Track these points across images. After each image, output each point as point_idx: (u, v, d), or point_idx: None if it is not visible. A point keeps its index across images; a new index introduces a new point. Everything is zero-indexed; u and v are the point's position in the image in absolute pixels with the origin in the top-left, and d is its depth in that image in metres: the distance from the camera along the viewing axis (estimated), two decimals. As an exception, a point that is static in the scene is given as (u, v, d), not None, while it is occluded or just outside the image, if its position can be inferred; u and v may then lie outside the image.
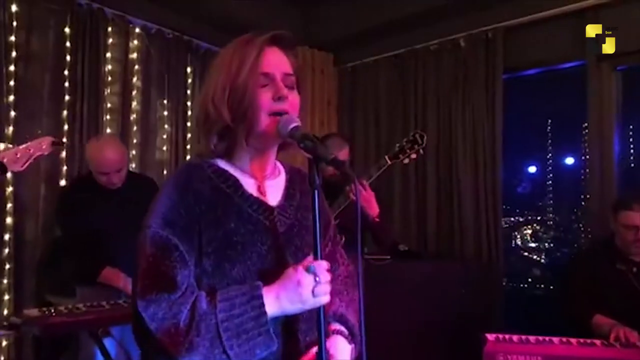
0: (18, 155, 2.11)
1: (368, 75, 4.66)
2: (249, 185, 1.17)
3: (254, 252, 1.10)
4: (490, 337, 2.36)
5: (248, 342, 1.00)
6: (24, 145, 2.14)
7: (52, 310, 2.16)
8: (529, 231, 6.87)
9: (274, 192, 1.20)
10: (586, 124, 4.33)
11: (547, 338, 2.37)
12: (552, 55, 3.74)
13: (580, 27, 3.45)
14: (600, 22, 3.39)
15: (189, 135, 4.14)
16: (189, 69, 4.18)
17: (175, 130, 4.05)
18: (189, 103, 4.15)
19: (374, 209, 2.60)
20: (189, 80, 4.18)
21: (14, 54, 3.14)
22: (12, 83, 3.12)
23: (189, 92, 4.16)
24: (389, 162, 2.68)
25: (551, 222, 6.83)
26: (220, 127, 1.13)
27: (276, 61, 1.14)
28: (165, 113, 4.02)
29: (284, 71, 1.15)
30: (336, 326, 1.21)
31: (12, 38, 3.13)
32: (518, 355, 2.25)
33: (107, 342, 2.35)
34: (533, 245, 6.63)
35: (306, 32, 4.68)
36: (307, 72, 4.68)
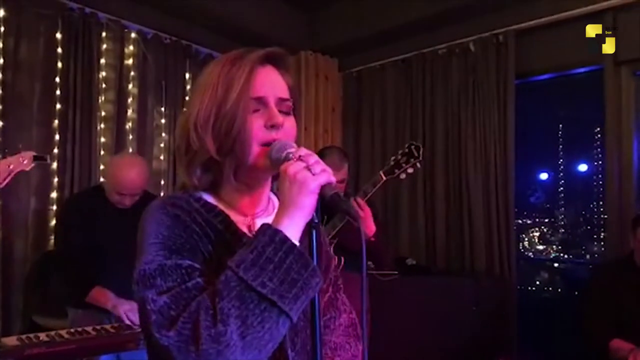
0: None
1: (374, 80, 4.52)
2: (240, 222, 1.00)
3: None
4: (505, 364, 2.19)
5: (280, 269, 0.82)
6: (3, 161, 2.00)
7: (32, 338, 2.00)
8: (537, 234, 6.73)
9: None
10: (598, 129, 4.18)
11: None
12: (567, 59, 3.57)
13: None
14: (617, 25, 3.24)
15: (187, 144, 4.00)
16: (187, 75, 4.04)
17: (173, 139, 3.89)
18: (187, 110, 4.01)
19: (369, 229, 2.45)
20: (188, 87, 4.04)
21: (1, 61, 3.00)
22: (-1, 92, 2.99)
23: (187, 99, 4.01)
24: (384, 177, 2.52)
25: (562, 230, 6.68)
26: (204, 159, 0.96)
27: (270, 83, 0.98)
28: (163, 121, 3.88)
29: (279, 95, 0.98)
30: None
31: (0, 44, 2.99)
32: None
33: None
34: (541, 247, 6.48)
35: (310, 37, 4.58)
36: (311, 77, 4.54)
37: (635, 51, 3.22)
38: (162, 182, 3.84)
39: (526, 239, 6.62)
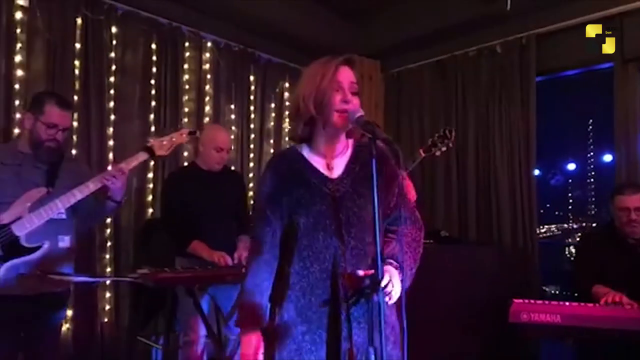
0: (164, 142, 2.63)
1: (412, 80, 5.06)
2: (319, 163, 1.65)
3: (315, 210, 1.57)
4: (517, 301, 2.74)
5: None
6: (168, 136, 2.66)
7: (158, 270, 2.67)
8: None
9: (338, 167, 1.65)
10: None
11: (567, 303, 2.73)
12: (582, 58, 4.06)
13: (607, 33, 3.75)
14: (624, 27, 3.71)
15: (252, 136, 4.69)
16: (252, 78, 4.71)
17: (241, 132, 4.61)
18: (252, 108, 4.69)
19: (411, 196, 3.04)
20: (252, 88, 4.71)
21: (113, 67, 3.75)
22: (111, 92, 3.74)
23: (252, 97, 4.70)
24: (423, 154, 3.14)
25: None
26: (307, 117, 1.62)
27: (345, 74, 1.62)
28: (233, 117, 4.57)
29: (351, 80, 1.63)
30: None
31: (112, 54, 3.75)
32: (539, 314, 2.62)
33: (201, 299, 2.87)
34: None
35: (356, 42, 5.06)
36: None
37: (641, 51, 3.70)
38: (232, 169, 4.49)
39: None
